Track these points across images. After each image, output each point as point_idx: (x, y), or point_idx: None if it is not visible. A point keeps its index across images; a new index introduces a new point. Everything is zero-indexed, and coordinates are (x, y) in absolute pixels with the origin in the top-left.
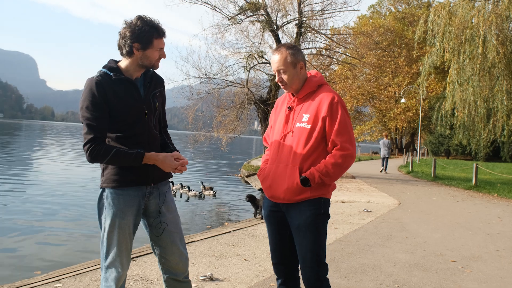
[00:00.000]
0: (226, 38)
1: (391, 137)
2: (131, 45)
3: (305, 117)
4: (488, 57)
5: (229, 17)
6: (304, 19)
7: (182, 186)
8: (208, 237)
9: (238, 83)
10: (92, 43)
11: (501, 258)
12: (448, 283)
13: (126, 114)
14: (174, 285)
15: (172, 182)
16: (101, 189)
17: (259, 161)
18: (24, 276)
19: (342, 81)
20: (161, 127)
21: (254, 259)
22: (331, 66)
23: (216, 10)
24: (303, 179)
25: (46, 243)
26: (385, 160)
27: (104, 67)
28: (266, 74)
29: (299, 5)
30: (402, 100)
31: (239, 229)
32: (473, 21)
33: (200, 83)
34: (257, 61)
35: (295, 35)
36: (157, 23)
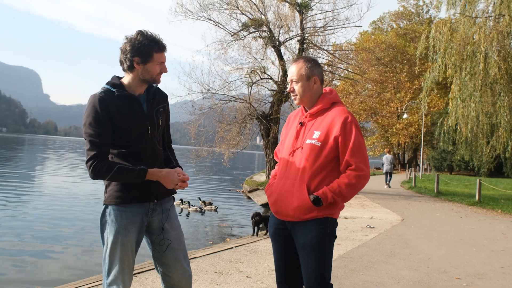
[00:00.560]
0: (229, 54)
1: (394, 153)
2: (132, 59)
3: (316, 134)
4: (490, 73)
5: (232, 33)
6: (306, 35)
7: (183, 202)
8: (210, 253)
9: (241, 99)
10: (96, 58)
11: (506, 276)
12: None
13: (129, 130)
14: None
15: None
16: (104, 206)
17: (262, 176)
18: None
19: (345, 97)
20: (165, 143)
21: (257, 276)
22: (333, 82)
23: (219, 26)
24: (315, 199)
25: (47, 258)
26: (389, 175)
27: (108, 84)
28: (269, 90)
29: (301, 22)
30: (404, 116)
31: (241, 245)
32: (475, 38)
33: (203, 98)
34: (260, 77)
35: (297, 51)
36: (158, 37)
